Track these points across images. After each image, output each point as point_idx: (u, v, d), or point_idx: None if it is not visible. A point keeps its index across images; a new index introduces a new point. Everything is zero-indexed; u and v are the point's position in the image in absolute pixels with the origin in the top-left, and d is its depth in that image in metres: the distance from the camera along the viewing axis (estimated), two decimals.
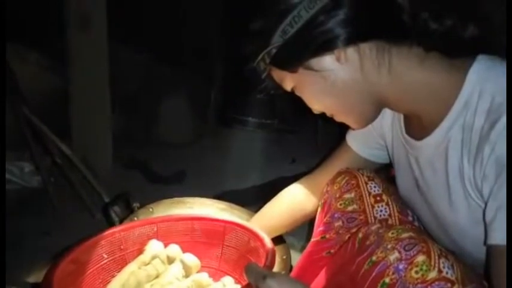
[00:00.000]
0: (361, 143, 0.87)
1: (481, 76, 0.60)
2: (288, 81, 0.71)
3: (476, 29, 0.62)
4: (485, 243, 0.56)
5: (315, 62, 0.66)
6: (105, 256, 0.82)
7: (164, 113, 2.07)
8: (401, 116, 0.76)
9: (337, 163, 0.88)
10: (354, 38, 0.63)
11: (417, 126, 0.71)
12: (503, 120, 0.55)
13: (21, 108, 1.46)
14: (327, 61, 0.65)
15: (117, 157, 1.72)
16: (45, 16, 1.73)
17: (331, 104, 0.71)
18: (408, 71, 0.64)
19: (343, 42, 0.62)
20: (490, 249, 0.55)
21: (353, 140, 0.88)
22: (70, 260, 0.74)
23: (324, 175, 0.89)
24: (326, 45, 0.63)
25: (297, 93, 0.73)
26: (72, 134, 1.61)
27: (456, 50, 0.63)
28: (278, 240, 0.94)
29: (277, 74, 0.72)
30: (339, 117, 0.73)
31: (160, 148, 2.00)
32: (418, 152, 0.71)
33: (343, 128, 0.89)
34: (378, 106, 0.71)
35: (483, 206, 0.58)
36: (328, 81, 0.67)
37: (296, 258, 0.92)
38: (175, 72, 2.15)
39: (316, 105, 0.73)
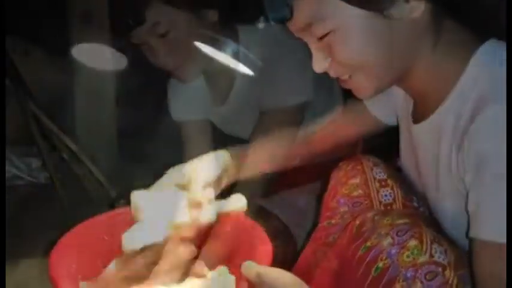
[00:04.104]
0: (380, 106, 0.84)
1: (482, 62, 0.57)
2: (336, 19, 0.56)
3: None
4: (466, 235, 0.55)
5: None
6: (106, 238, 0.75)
7: (169, 108, 2.08)
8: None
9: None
10: None
11: (420, 108, 0.68)
12: (486, 111, 0.52)
13: (27, 103, 1.47)
14: (402, 8, 0.55)
15: (122, 152, 1.73)
16: (49, 11, 1.74)
17: (370, 58, 0.59)
18: (445, 49, 0.60)
19: None
20: (471, 242, 0.54)
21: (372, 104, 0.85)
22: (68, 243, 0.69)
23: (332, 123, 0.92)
24: None
25: (332, 39, 0.58)
26: (77, 129, 1.62)
27: None
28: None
29: (318, 7, 0.57)
30: (359, 77, 0.62)
31: (165, 142, 2.01)
32: (416, 136, 0.70)
33: None
34: (397, 78, 0.64)
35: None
36: (390, 31, 0.57)
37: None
38: None
39: (352, 56, 0.59)
